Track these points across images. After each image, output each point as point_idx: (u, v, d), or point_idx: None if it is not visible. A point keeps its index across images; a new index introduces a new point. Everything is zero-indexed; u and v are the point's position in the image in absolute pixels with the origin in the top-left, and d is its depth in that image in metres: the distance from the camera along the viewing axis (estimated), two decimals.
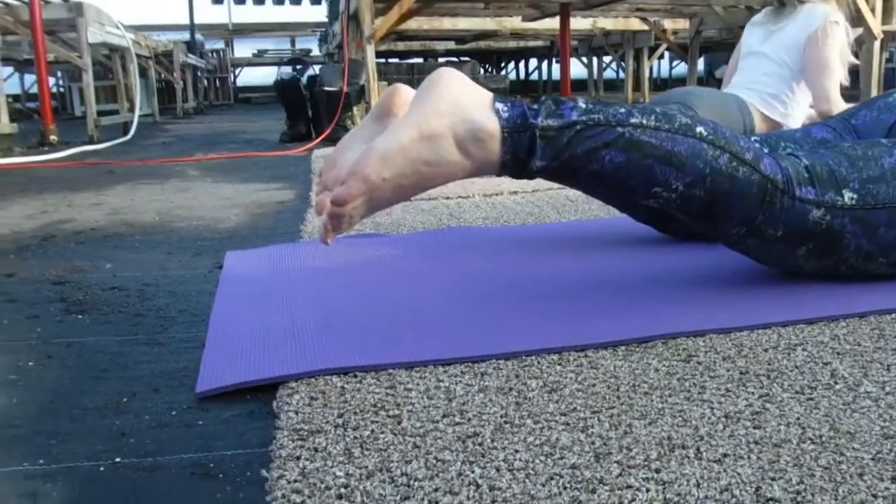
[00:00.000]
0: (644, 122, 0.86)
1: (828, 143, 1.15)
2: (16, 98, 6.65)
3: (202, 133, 4.36)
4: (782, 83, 1.84)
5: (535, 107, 0.85)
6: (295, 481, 0.52)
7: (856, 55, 1.98)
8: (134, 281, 1.11)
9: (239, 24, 10.02)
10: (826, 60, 1.79)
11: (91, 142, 3.50)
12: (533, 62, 9.91)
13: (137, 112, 4.31)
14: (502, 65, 9.90)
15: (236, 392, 0.72)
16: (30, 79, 7.32)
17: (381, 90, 3.53)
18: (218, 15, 9.90)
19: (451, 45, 7.30)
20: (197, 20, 8.46)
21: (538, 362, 0.75)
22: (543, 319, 0.88)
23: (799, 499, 0.49)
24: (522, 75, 10.38)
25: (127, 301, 1.01)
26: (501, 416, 0.63)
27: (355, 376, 0.73)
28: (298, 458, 0.56)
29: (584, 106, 0.86)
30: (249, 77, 10.00)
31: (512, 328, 0.85)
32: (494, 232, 1.42)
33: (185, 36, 7.67)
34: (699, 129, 0.88)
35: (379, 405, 0.66)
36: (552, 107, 0.85)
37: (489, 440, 0.58)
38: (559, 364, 0.75)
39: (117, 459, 0.58)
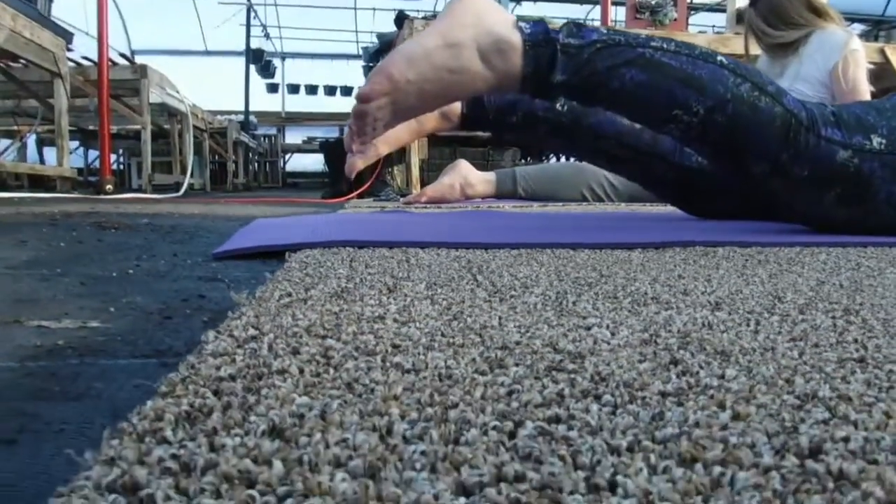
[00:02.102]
0: (665, 46, 0.89)
1: None
2: (80, 171, 6.96)
3: (250, 195, 4.54)
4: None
5: (558, 28, 0.90)
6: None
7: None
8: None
9: (291, 113, 10.44)
10: (857, 83, 1.85)
11: (142, 191, 3.67)
12: None
13: (189, 174, 4.50)
14: None
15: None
16: (93, 154, 7.66)
17: (421, 150, 3.67)
18: (272, 103, 10.35)
19: None
20: (252, 107, 8.84)
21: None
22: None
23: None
24: None
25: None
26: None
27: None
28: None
29: (604, 30, 0.90)
30: (298, 163, 10.32)
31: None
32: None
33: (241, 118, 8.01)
34: (720, 57, 0.90)
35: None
36: (573, 28, 0.88)
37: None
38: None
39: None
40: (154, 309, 0.56)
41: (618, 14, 5.72)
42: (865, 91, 1.86)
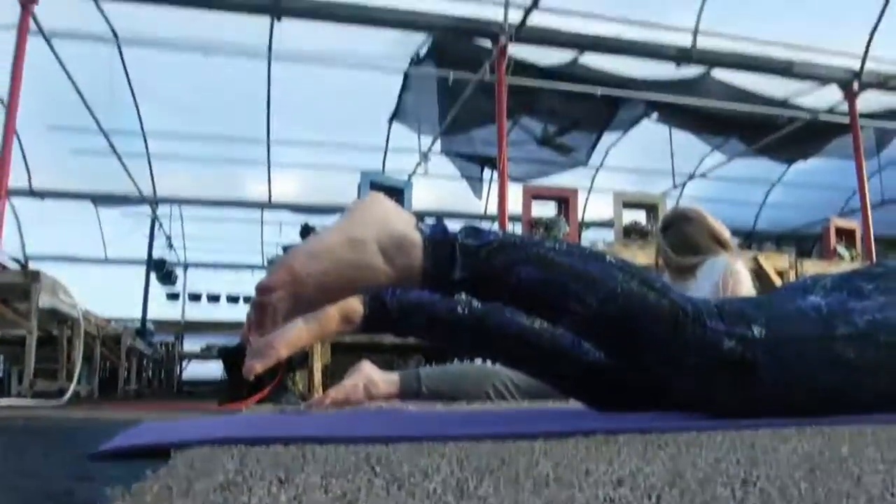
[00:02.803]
0: (557, 246, 0.93)
1: None
2: None
3: (142, 402, 4.33)
4: None
5: (455, 231, 0.94)
6: None
7: None
8: None
9: (191, 321, 10.25)
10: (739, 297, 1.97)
11: (21, 396, 3.45)
12: None
13: (75, 380, 4.28)
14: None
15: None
16: None
17: (324, 355, 3.63)
18: (172, 311, 10.18)
19: (398, 339, 7.50)
20: (151, 314, 8.67)
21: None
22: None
23: None
24: None
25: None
26: None
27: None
28: None
29: (500, 232, 0.95)
30: (196, 371, 10.00)
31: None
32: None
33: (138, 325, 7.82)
34: (609, 257, 0.96)
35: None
36: (471, 230, 0.93)
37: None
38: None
39: None
40: None
41: (515, 229, 6.04)
42: None
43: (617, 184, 7.93)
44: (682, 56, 5.55)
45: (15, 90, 3.56)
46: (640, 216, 4.46)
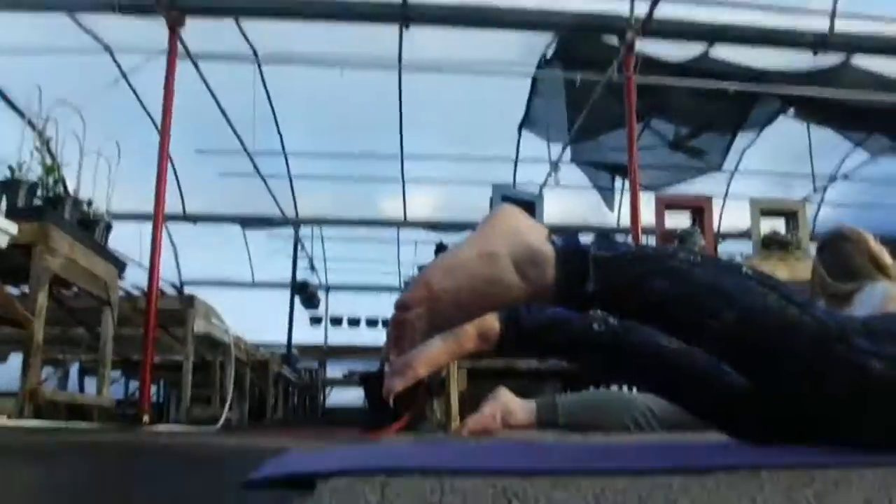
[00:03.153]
0: (691, 258, 0.91)
1: None
2: (119, 402, 7.01)
3: (288, 429, 4.49)
4: None
5: (588, 241, 0.93)
6: None
7: None
8: None
9: (333, 346, 10.53)
10: None
11: (178, 422, 3.67)
12: None
13: (227, 407, 4.51)
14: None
15: None
16: (133, 384, 7.74)
17: (460, 382, 3.67)
18: (315, 335, 10.51)
19: (534, 363, 7.47)
20: (295, 339, 9.00)
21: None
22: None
23: None
24: None
25: None
26: None
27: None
28: None
29: (633, 244, 0.93)
30: (339, 397, 10.27)
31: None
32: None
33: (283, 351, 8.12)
34: (745, 269, 0.92)
35: None
36: (603, 242, 0.91)
37: None
38: None
39: None
40: None
41: (649, 241, 5.88)
42: None
43: (753, 189, 7.59)
44: (818, 42, 5.25)
45: (167, 114, 3.76)
46: (779, 225, 4.25)
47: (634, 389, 2.95)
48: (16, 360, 3.61)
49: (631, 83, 4.84)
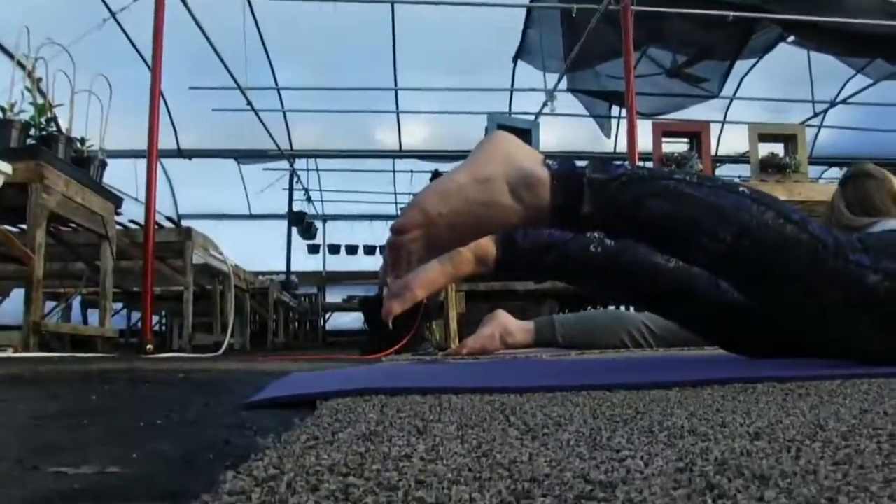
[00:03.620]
0: (687, 178, 0.91)
1: None
2: (121, 332, 7.09)
3: (290, 354, 4.56)
4: None
5: (583, 164, 0.93)
6: None
7: None
8: None
9: (331, 272, 10.64)
10: None
11: (182, 351, 3.71)
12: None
13: (229, 333, 4.55)
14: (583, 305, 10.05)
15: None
16: (136, 315, 7.81)
17: (458, 304, 3.69)
18: (313, 263, 10.59)
19: (531, 284, 7.52)
20: (294, 267, 9.07)
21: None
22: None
23: None
24: None
25: None
26: None
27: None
28: None
29: (629, 166, 0.93)
30: (338, 322, 10.41)
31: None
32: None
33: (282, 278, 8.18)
34: (742, 188, 0.93)
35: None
36: (599, 164, 0.92)
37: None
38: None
39: None
40: (177, 455, 0.55)
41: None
42: None
43: (752, 115, 7.54)
44: None
45: (157, 51, 3.72)
46: (777, 149, 4.23)
47: (632, 308, 2.98)
48: (18, 294, 3.64)
49: (628, 11, 4.73)
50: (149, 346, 3.54)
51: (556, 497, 0.34)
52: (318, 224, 10.72)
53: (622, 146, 6.84)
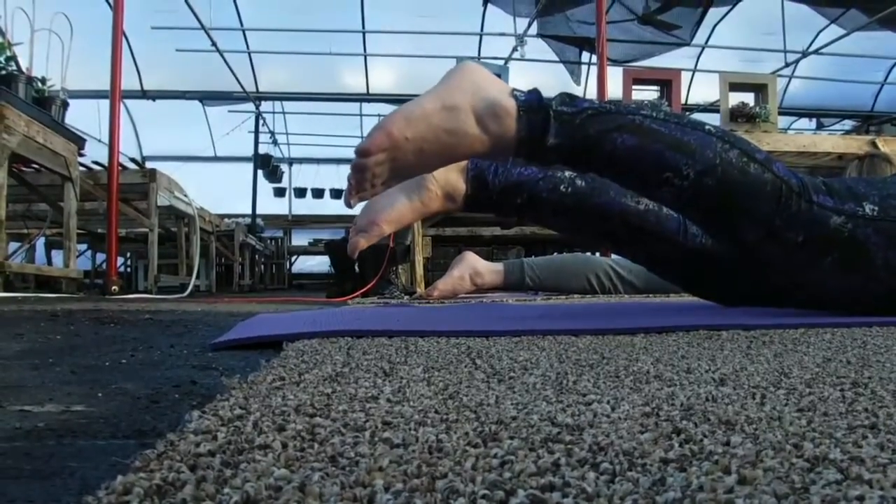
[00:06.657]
0: (654, 114, 0.91)
1: None
2: (87, 273, 7.00)
3: (256, 296, 4.55)
4: None
5: (550, 97, 0.92)
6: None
7: None
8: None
9: (298, 216, 10.57)
10: None
11: (148, 292, 3.67)
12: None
13: (195, 275, 4.52)
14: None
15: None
16: (101, 257, 7.71)
17: (425, 248, 3.69)
18: (279, 207, 10.49)
19: (497, 230, 7.55)
20: (259, 210, 8.98)
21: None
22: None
23: None
24: None
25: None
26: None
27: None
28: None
29: (596, 100, 0.93)
30: (304, 265, 10.38)
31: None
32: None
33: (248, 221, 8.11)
34: (708, 126, 0.93)
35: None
36: (566, 97, 0.91)
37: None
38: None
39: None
40: (142, 394, 0.55)
41: None
42: None
43: (723, 65, 7.53)
44: None
45: None
46: (748, 98, 4.24)
47: (597, 254, 2.99)
48: None
49: None
50: (114, 287, 3.51)
51: (523, 439, 0.34)
52: (285, 167, 10.60)
53: (592, 92, 6.79)
